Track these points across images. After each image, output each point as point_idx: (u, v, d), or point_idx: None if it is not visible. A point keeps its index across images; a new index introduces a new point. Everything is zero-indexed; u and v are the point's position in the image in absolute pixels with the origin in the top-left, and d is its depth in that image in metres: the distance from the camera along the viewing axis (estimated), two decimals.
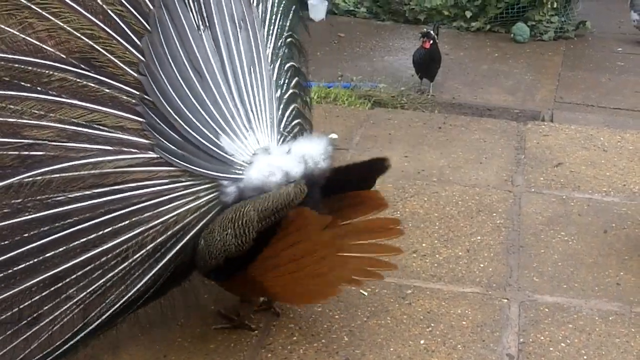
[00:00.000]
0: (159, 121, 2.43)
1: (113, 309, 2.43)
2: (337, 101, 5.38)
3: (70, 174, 2.31)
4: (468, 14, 7.75)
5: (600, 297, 3.06)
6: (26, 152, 2.27)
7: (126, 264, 2.40)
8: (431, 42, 5.89)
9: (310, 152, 2.49)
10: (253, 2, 2.77)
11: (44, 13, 2.34)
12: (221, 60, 2.58)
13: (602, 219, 3.66)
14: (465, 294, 3.06)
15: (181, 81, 2.47)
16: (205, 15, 2.59)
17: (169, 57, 2.47)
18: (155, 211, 2.41)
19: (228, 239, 2.40)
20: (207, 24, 2.59)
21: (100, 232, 2.34)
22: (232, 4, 2.68)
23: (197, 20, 2.56)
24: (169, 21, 2.50)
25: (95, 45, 2.39)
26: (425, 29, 6.01)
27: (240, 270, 2.49)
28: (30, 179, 2.26)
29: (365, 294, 3.05)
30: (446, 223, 3.60)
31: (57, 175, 2.29)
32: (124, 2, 2.45)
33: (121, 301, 2.43)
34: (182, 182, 2.45)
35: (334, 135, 4.44)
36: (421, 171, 4.14)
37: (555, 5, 7.53)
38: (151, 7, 2.49)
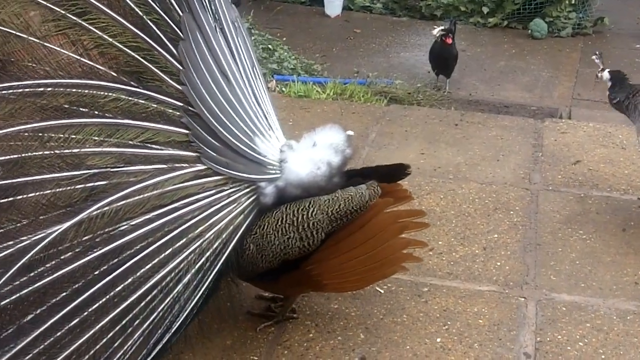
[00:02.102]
0: (202, 131, 2.38)
1: (170, 332, 2.38)
2: (353, 98, 5.36)
3: (133, 199, 2.24)
4: (485, 9, 7.72)
5: (618, 296, 3.04)
6: (91, 184, 2.19)
7: (182, 283, 2.35)
8: (452, 38, 5.88)
9: (334, 142, 2.55)
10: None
11: (93, 29, 2.28)
12: (234, 61, 2.55)
13: (620, 217, 3.63)
14: (481, 292, 3.05)
15: (213, 86, 2.43)
16: (216, 16, 2.55)
17: (201, 63, 2.42)
18: (207, 224, 2.37)
19: (291, 243, 2.45)
20: (220, 26, 2.56)
21: (162, 256, 2.29)
22: (228, 6, 2.65)
23: (212, 22, 2.51)
24: (195, 25, 2.44)
25: (140, 59, 2.33)
26: (442, 26, 5.96)
27: (291, 270, 2.52)
28: (99, 211, 2.16)
29: (382, 291, 3.04)
30: (463, 221, 3.58)
31: (122, 202, 2.21)
32: (157, 9, 2.39)
33: (178, 323, 2.38)
34: (226, 190, 2.42)
35: (350, 132, 4.42)
36: (437, 168, 4.12)
37: (573, 2, 7.50)
38: (181, 13, 2.43)
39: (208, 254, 2.39)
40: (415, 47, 7.05)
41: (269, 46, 6.40)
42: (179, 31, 2.39)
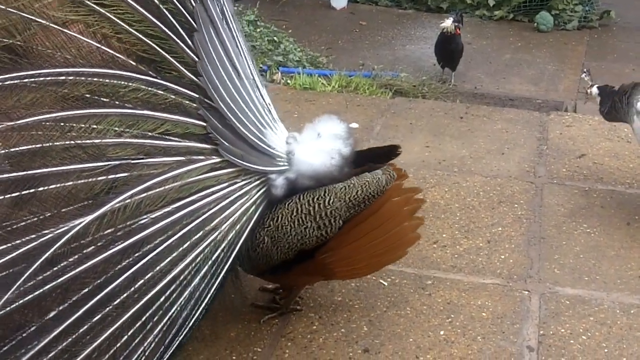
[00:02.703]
0: (218, 123, 2.37)
1: (186, 328, 2.37)
2: (358, 90, 5.36)
3: (154, 192, 2.22)
4: (491, 2, 7.70)
5: (622, 290, 3.04)
6: (113, 175, 2.16)
7: (199, 277, 2.34)
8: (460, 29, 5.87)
9: (338, 132, 2.57)
10: None
11: (111, 16, 2.24)
12: (240, 54, 2.54)
13: (625, 211, 3.63)
14: (485, 285, 3.06)
15: (226, 78, 2.41)
16: (224, 7, 2.53)
17: (214, 54, 2.39)
18: (222, 217, 2.37)
19: (309, 232, 2.48)
20: (226, 18, 2.53)
21: (180, 249, 2.27)
22: None
23: (219, 13, 2.48)
24: (206, 16, 2.41)
25: (158, 48, 2.31)
26: (452, 17, 5.94)
27: (305, 260, 2.54)
28: (121, 203, 2.13)
29: (385, 284, 3.05)
30: (467, 214, 3.59)
31: (144, 195, 2.19)
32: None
33: (194, 318, 2.38)
34: (238, 182, 2.41)
35: (355, 125, 4.44)
36: (442, 161, 4.12)
37: None
38: (194, 3, 2.39)
39: (222, 245, 2.38)
40: (421, 40, 7.04)
41: (275, 38, 6.40)
42: (192, 22, 2.36)
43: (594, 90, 3.81)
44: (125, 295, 2.16)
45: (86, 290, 2.10)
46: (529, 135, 4.47)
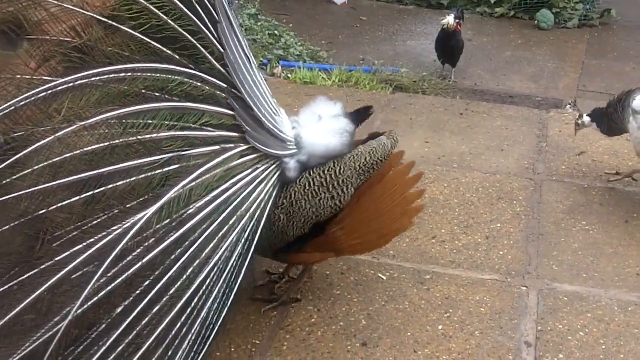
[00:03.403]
0: (243, 111, 2.40)
1: (221, 317, 2.38)
2: (358, 85, 5.37)
3: (198, 181, 2.25)
4: None
5: (619, 287, 3.05)
6: (167, 168, 2.20)
7: (233, 259, 2.37)
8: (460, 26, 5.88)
9: (335, 111, 2.66)
10: None
11: (152, 8, 2.22)
12: (245, 41, 2.57)
13: (623, 208, 3.64)
14: (483, 281, 3.06)
15: (243, 67, 2.43)
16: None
17: (232, 44, 2.40)
18: (249, 201, 2.40)
19: (323, 203, 2.56)
20: (230, 5, 2.55)
21: (219, 236, 2.31)
22: None
23: (226, 2, 2.48)
24: (223, 8, 2.41)
25: (193, 40, 2.30)
26: (454, 13, 5.94)
27: (317, 235, 2.61)
28: (175, 194, 2.17)
29: (384, 278, 3.06)
30: (466, 209, 3.59)
31: (192, 184, 2.23)
32: None
33: (227, 307, 2.39)
34: (259, 167, 2.44)
35: None
36: (441, 157, 4.13)
37: None
38: None
39: (250, 228, 2.42)
40: (422, 36, 7.05)
41: (275, 32, 6.40)
42: (214, 12, 2.36)
43: (586, 119, 3.85)
44: (178, 284, 2.20)
45: (147, 282, 2.13)
46: (528, 132, 4.47)
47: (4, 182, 1.97)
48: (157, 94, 2.22)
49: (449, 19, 5.85)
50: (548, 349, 2.70)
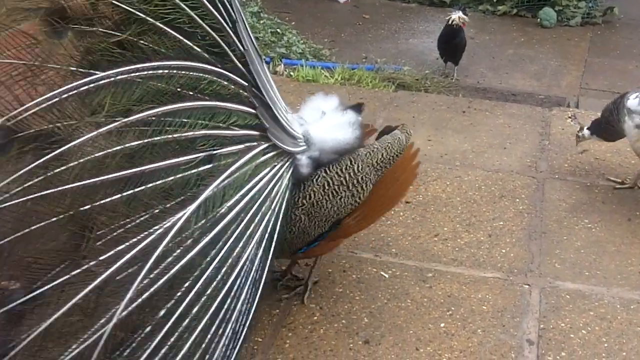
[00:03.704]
0: (263, 109, 2.39)
1: (250, 315, 2.37)
2: (361, 83, 5.36)
3: (229, 180, 2.24)
4: None
5: (622, 286, 3.05)
6: (202, 167, 2.19)
7: (258, 257, 2.36)
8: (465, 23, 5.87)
9: (337, 105, 2.68)
10: None
11: (190, 12, 2.19)
12: (254, 40, 2.55)
13: (626, 206, 3.63)
14: (486, 279, 3.06)
15: (258, 65, 2.41)
16: None
17: (248, 42, 2.37)
18: (270, 198, 2.39)
19: (344, 202, 2.59)
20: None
21: (248, 233, 2.30)
22: None
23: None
24: (237, 5, 2.38)
25: (219, 39, 2.27)
26: (460, 11, 5.93)
27: (334, 229, 2.63)
28: (210, 194, 2.17)
29: (386, 276, 3.06)
30: (468, 207, 3.59)
31: (224, 183, 2.23)
32: None
33: (252, 309, 2.38)
34: (277, 165, 2.44)
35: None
36: (444, 155, 4.13)
37: None
38: None
39: (271, 225, 2.41)
40: (424, 34, 7.04)
41: (278, 30, 6.39)
42: (232, 11, 2.33)
43: (586, 132, 3.85)
44: (214, 284, 2.19)
45: (187, 284, 2.12)
46: (531, 130, 4.47)
47: (50, 174, 1.95)
48: (190, 93, 2.21)
49: (459, 15, 5.83)
50: (550, 347, 2.70)
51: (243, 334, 2.33)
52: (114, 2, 2.07)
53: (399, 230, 3.36)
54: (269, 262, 2.42)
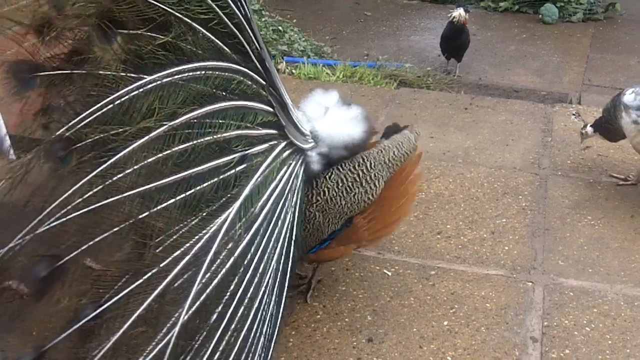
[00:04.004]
0: (280, 107, 2.40)
1: (279, 321, 2.39)
2: (363, 80, 5.36)
3: (260, 180, 2.26)
4: None
5: (625, 282, 3.04)
6: (239, 168, 2.19)
7: (283, 253, 2.37)
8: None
9: (336, 100, 2.69)
10: None
11: (220, 12, 2.18)
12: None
13: (629, 203, 3.63)
14: (489, 276, 3.06)
15: (267, 61, 2.40)
16: None
17: (259, 40, 2.36)
18: (289, 197, 2.39)
19: (358, 198, 2.61)
20: None
21: (276, 230, 2.31)
22: None
23: None
24: (246, 2, 2.36)
25: (242, 39, 2.26)
26: (462, 8, 5.91)
27: (345, 229, 2.64)
28: (247, 193, 2.18)
29: (389, 274, 3.05)
30: (471, 205, 3.59)
31: (257, 182, 2.24)
32: None
33: (281, 309, 2.39)
34: (292, 162, 2.44)
35: None
36: (446, 152, 4.12)
37: None
38: None
39: (291, 226, 2.42)
40: (426, 31, 7.03)
41: (279, 28, 6.39)
42: (246, 8, 2.32)
43: (589, 129, 3.84)
44: (253, 285, 2.20)
45: (232, 287, 2.13)
46: (533, 127, 4.46)
47: (108, 182, 1.95)
48: (223, 94, 2.21)
49: (460, 12, 5.81)
50: (554, 345, 2.69)
51: (275, 334, 2.35)
52: (154, 2, 2.05)
53: (401, 228, 3.36)
54: (291, 260, 2.43)
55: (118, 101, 2.00)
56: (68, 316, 1.93)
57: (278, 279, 2.34)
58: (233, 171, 2.18)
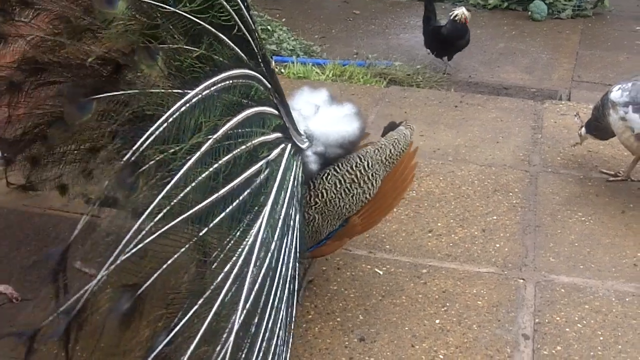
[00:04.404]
0: (283, 110, 2.39)
1: (292, 324, 2.39)
2: (352, 79, 5.35)
3: (279, 183, 2.26)
4: None
5: (617, 278, 3.04)
6: (263, 174, 2.20)
7: (293, 254, 2.37)
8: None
9: (325, 98, 2.69)
10: None
11: (237, 18, 2.18)
12: None
13: (619, 199, 3.63)
14: (480, 274, 3.06)
15: (271, 64, 2.40)
16: None
17: (262, 42, 2.36)
18: (294, 199, 2.39)
19: (356, 199, 2.61)
20: None
21: (286, 242, 2.31)
22: None
23: None
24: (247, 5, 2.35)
25: (253, 43, 2.26)
26: (463, 7, 5.88)
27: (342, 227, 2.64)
28: (273, 198, 2.21)
29: (381, 273, 3.05)
30: (462, 202, 3.58)
31: (278, 186, 2.25)
32: None
33: (293, 312, 2.38)
34: (295, 161, 2.43)
35: None
36: (437, 150, 4.12)
37: None
38: None
39: (296, 228, 2.41)
40: (415, 29, 7.02)
41: (268, 27, 6.37)
42: (247, 14, 2.30)
43: (582, 130, 3.85)
44: (275, 284, 2.20)
45: (263, 296, 2.14)
46: (523, 124, 4.46)
47: (173, 202, 1.95)
48: (246, 101, 2.21)
49: (462, 10, 5.77)
50: (546, 341, 2.69)
51: (291, 335, 2.35)
52: (183, 13, 2.05)
53: (392, 227, 3.36)
54: (297, 263, 2.43)
55: (171, 119, 1.99)
56: (145, 345, 1.93)
57: (288, 285, 2.34)
58: (259, 179, 2.19)
